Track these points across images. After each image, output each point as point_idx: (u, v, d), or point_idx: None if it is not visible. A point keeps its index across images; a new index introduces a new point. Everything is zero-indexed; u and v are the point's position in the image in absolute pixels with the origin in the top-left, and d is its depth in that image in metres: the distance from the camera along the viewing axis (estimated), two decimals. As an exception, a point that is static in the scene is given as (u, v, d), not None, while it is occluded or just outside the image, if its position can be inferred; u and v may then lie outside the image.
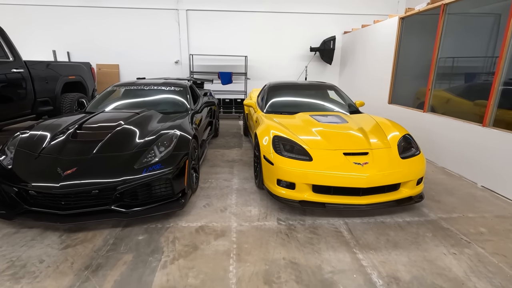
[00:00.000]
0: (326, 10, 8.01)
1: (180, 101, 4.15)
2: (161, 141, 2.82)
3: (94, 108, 3.97)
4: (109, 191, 2.40)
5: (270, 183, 2.92)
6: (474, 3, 3.96)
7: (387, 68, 5.75)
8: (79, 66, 6.12)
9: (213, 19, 7.95)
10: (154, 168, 2.54)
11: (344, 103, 4.41)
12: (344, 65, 8.25)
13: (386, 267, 2.09)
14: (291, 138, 2.98)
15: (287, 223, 2.67)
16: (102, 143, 2.70)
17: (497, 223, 2.71)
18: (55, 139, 2.79)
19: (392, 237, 2.46)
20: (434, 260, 2.17)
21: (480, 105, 3.86)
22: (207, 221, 2.67)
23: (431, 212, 2.90)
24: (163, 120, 3.40)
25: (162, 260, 2.12)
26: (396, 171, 2.72)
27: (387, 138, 3.09)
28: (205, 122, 4.53)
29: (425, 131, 4.59)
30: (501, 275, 2.02)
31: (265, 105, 4.30)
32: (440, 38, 4.33)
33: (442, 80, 4.58)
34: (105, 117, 3.36)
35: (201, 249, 2.26)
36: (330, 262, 2.14)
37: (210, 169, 4.00)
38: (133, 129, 3.03)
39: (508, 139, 3.26)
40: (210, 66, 8.17)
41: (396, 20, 5.41)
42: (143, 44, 7.99)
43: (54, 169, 2.40)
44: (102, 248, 2.25)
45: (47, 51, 7.62)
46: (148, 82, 4.52)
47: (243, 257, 2.17)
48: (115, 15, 7.74)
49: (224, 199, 3.13)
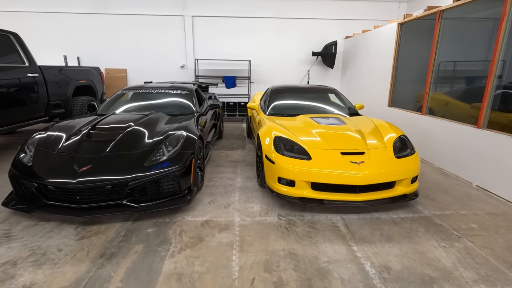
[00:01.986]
0: (327, 16, 8.20)
1: (186, 104, 4.34)
2: (169, 141, 3.00)
3: (105, 110, 4.18)
4: (121, 187, 2.59)
5: (272, 181, 3.09)
6: (468, 9, 4.11)
7: (387, 72, 5.90)
8: (89, 70, 6.38)
9: (218, 25, 8.19)
10: (163, 166, 2.72)
11: (344, 106, 4.56)
12: (345, 69, 8.42)
13: (379, 258, 2.23)
14: (291, 139, 3.14)
15: (287, 218, 2.82)
16: (115, 143, 2.90)
17: (488, 220, 2.83)
18: (70, 139, 2.99)
19: (386, 232, 2.60)
20: (425, 252, 2.30)
21: (477, 108, 3.99)
22: (212, 216, 2.84)
23: (425, 209, 3.03)
24: (170, 122, 3.59)
25: (170, 250, 2.29)
26: (391, 170, 2.86)
27: (384, 139, 3.24)
28: (209, 124, 4.72)
29: (423, 133, 4.72)
30: (487, 266, 2.15)
31: (267, 107, 4.47)
32: (437, 42, 4.48)
33: (440, 84, 4.72)
34: (116, 119, 3.57)
35: (206, 241, 2.42)
36: (327, 253, 2.29)
37: (215, 169, 4.17)
38: (142, 130, 3.23)
39: (501, 140, 3.38)
40: (214, 70, 8.39)
41: (395, 26, 5.58)
42: (150, 49, 8.26)
43: (71, 166, 2.60)
44: (115, 239, 2.42)
45: (58, 56, 7.91)
46: (155, 85, 4.73)
47: (245, 248, 2.33)
48: (123, 21, 8.02)
49: (228, 196, 3.29)
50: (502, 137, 3.38)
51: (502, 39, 3.39)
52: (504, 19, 3.35)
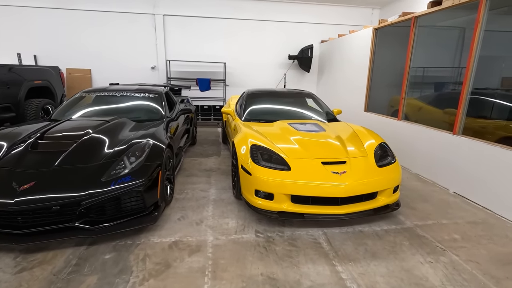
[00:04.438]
0: (304, 20, 8.14)
1: (155, 108, 3.99)
2: (132, 151, 2.66)
3: (60, 115, 3.71)
4: (72, 207, 2.21)
5: (248, 194, 2.84)
6: (442, 16, 4.15)
7: (363, 77, 5.90)
8: (46, 70, 5.78)
9: (191, 25, 7.84)
10: (124, 180, 2.37)
11: (322, 111, 4.43)
12: (321, 73, 8.40)
13: (365, 279, 2.05)
14: (269, 147, 2.92)
15: (265, 235, 2.58)
16: (66, 154, 2.50)
17: (469, 229, 2.78)
18: (12, 150, 2.55)
19: (371, 247, 2.44)
20: (411, 270, 2.16)
21: (449, 113, 4.03)
22: (182, 236, 2.53)
23: (407, 220, 2.93)
24: (135, 129, 3.23)
25: (130, 281, 1.96)
26: (374, 180, 2.73)
27: (364, 146, 3.12)
28: (181, 129, 4.38)
29: (399, 138, 4.71)
30: (475, 283, 2.05)
31: (243, 112, 4.23)
32: (412, 48, 4.49)
33: (414, 89, 4.75)
34: (71, 125, 3.15)
35: (174, 267, 2.12)
36: (309, 276, 2.07)
37: (186, 179, 3.85)
38: (102, 138, 2.85)
39: (476, 147, 3.39)
40: (188, 72, 8.01)
41: (371, 31, 5.58)
42: (118, 48, 7.71)
43: (9, 184, 2.18)
44: (63, 270, 2.05)
45: (11, 54, 7.14)
46: (120, 88, 4.32)
47: (219, 274, 2.05)
48: (87, 17, 7.42)
49: (200, 211, 3.00)
50: (477, 143, 3.39)
51: (476, 47, 3.41)
52: (478, 26, 3.37)
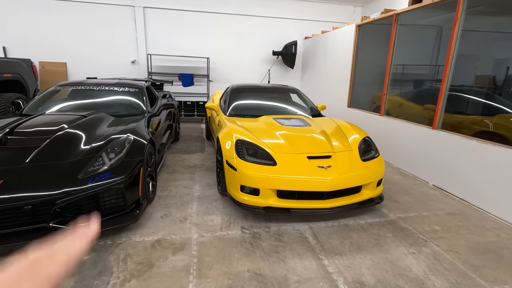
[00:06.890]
0: (288, 15, 8.12)
1: (135, 103, 3.83)
2: (111, 147, 2.53)
3: (32, 110, 3.49)
4: (46, 206, 2.07)
5: (233, 190, 2.79)
6: (423, 13, 4.25)
7: (346, 73, 5.96)
8: (16, 62, 5.43)
9: (173, 18, 7.62)
10: (102, 177, 2.26)
11: (306, 107, 4.44)
12: (305, 69, 8.44)
13: (351, 272, 2.07)
14: (254, 142, 2.88)
15: (252, 231, 2.55)
16: (38, 150, 2.35)
17: (448, 220, 2.87)
18: (-22, 146, 2.36)
19: (356, 240, 2.47)
20: (396, 261, 2.20)
21: (428, 109, 4.14)
22: (165, 234, 2.44)
23: (390, 212, 2.98)
24: (114, 124, 3.09)
25: (110, 282, 1.87)
26: (358, 174, 2.75)
27: (348, 140, 3.14)
28: (164, 125, 4.25)
29: (382, 133, 4.80)
30: (456, 272, 2.11)
31: (227, 108, 4.16)
32: (394, 46, 4.57)
33: (395, 86, 4.84)
34: (44, 120, 2.96)
35: (157, 266, 2.04)
36: (296, 270, 2.06)
37: (170, 176, 3.74)
38: (78, 133, 2.70)
39: (454, 141, 3.50)
40: (170, 67, 7.80)
41: (353, 28, 5.64)
42: (95, 41, 7.37)
43: (-26, 183, 2.02)
44: (37, 273, 1.92)
45: (-23, 45, 6.68)
46: (98, 82, 4.12)
47: (204, 272, 2.00)
48: (62, 7, 7.03)
49: (184, 208, 2.91)
50: (455, 137, 3.50)
51: (455, 44, 3.51)
52: (456, 24, 3.46)
